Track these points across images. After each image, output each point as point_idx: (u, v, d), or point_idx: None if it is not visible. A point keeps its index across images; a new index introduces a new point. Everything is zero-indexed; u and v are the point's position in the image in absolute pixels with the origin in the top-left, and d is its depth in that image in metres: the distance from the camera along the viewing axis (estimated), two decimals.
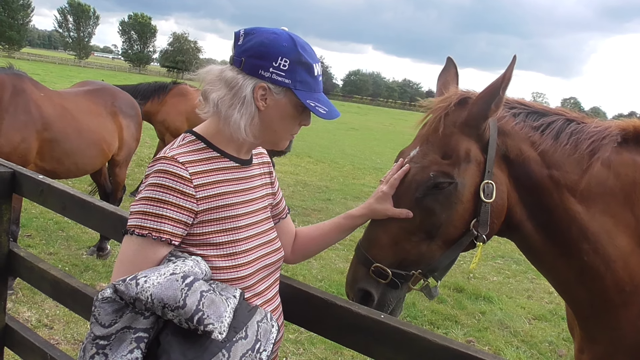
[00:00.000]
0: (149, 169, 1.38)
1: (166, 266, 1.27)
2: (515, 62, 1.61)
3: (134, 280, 1.20)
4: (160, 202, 1.32)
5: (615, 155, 1.71)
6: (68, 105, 4.90)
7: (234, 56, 1.42)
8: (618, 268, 1.68)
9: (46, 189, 2.40)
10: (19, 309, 4.10)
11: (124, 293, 1.20)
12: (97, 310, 1.22)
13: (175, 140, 1.47)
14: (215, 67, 1.47)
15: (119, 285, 1.20)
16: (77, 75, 34.16)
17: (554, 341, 4.98)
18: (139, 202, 1.34)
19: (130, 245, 1.33)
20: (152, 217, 1.31)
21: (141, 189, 1.36)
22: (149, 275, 1.22)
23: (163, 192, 1.32)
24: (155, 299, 1.19)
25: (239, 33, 1.44)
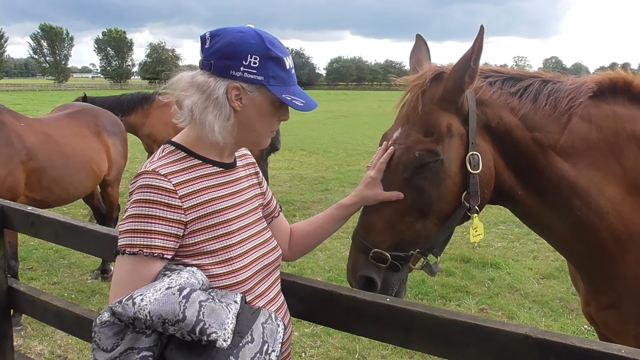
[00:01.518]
0: (132, 186, 1.36)
1: (161, 281, 1.26)
2: (484, 32, 1.59)
3: (130, 300, 1.19)
4: (147, 217, 1.30)
5: (595, 108, 1.71)
6: (50, 131, 4.85)
7: (203, 60, 1.41)
8: (612, 219, 1.69)
9: (36, 219, 2.38)
10: (30, 344, 4.09)
11: (121, 314, 1.18)
12: (97, 335, 1.20)
13: (155, 153, 1.46)
14: (186, 74, 1.45)
15: (116, 307, 1.19)
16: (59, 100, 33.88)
17: (564, 297, 5.03)
18: (126, 220, 1.32)
19: (123, 265, 1.32)
20: (141, 233, 1.30)
21: (127, 207, 1.35)
22: (145, 292, 1.20)
23: (149, 207, 1.30)
24: (154, 316, 1.17)
25: (205, 36, 1.42)
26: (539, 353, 1.27)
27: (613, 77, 1.74)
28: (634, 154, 1.69)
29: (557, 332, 1.31)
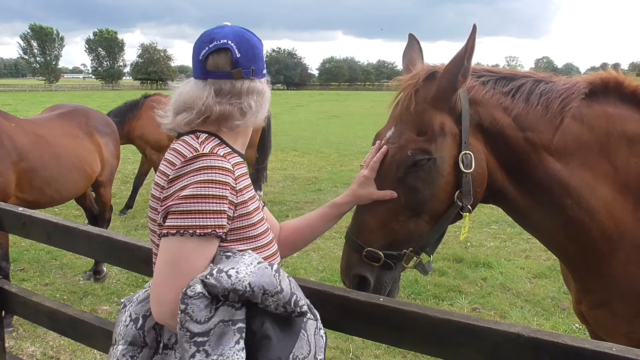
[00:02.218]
0: (185, 168, 1.33)
1: (242, 257, 1.32)
2: (476, 31, 1.60)
3: (222, 273, 1.22)
4: (215, 197, 1.31)
5: (587, 108, 1.72)
6: (41, 131, 4.81)
7: (243, 69, 1.45)
8: (602, 218, 1.71)
9: (28, 220, 2.37)
10: (22, 345, 4.05)
11: (215, 287, 1.21)
12: (191, 307, 1.20)
13: (188, 138, 1.43)
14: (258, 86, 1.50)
15: (208, 280, 1.21)
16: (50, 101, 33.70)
17: (556, 296, 5.06)
18: (188, 201, 1.30)
19: (188, 245, 1.30)
20: (213, 214, 1.30)
21: (182, 186, 1.31)
22: (236, 267, 1.25)
23: (216, 187, 1.31)
24: (255, 287, 1.23)
25: (229, 45, 1.44)
26: (531, 352, 1.28)
27: (604, 77, 1.76)
28: (625, 153, 1.70)
29: (549, 331, 1.32)
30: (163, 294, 1.29)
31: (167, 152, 1.44)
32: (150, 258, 1.98)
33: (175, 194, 1.31)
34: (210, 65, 1.44)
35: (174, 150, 1.41)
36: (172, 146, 1.45)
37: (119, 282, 5.38)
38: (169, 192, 1.33)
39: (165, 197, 1.34)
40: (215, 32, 1.46)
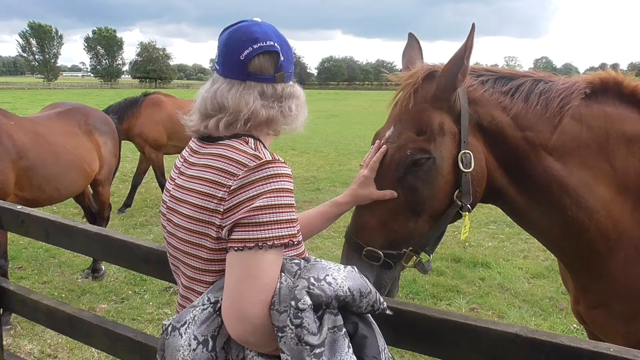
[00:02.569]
0: (249, 176, 1.26)
1: (321, 264, 1.29)
2: (475, 30, 1.60)
3: (321, 282, 1.21)
4: (287, 206, 1.27)
5: (586, 108, 1.72)
6: (41, 130, 4.81)
7: (286, 73, 1.41)
8: (601, 218, 1.71)
9: (26, 218, 2.37)
10: (20, 343, 4.05)
11: (320, 296, 1.19)
12: (306, 320, 1.17)
13: (236, 144, 1.35)
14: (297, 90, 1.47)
15: (313, 291, 1.19)
16: (48, 99, 33.65)
17: (554, 296, 5.07)
18: (266, 211, 1.24)
19: (267, 257, 1.25)
20: (285, 223, 1.26)
21: (250, 197, 1.24)
22: (328, 273, 1.24)
23: (286, 196, 1.28)
24: (354, 291, 1.24)
25: (278, 48, 1.38)
26: (529, 352, 1.28)
27: (604, 77, 1.76)
28: (624, 153, 1.70)
29: (546, 331, 1.32)
30: (246, 310, 1.21)
31: (210, 158, 1.34)
32: (149, 257, 1.99)
33: (244, 204, 1.24)
34: (254, 67, 1.36)
35: (224, 158, 1.31)
36: (213, 152, 1.35)
37: (117, 281, 5.37)
38: (232, 202, 1.25)
39: (229, 209, 1.25)
40: (254, 30, 1.37)
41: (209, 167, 1.32)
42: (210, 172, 1.31)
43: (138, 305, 4.77)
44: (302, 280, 1.21)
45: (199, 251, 1.34)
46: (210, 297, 1.31)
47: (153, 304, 4.78)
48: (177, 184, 1.42)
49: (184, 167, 1.43)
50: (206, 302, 1.30)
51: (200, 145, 1.42)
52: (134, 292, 5.09)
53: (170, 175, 1.51)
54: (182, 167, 1.45)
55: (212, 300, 1.30)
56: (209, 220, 1.29)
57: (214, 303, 1.30)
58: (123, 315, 4.56)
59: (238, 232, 1.24)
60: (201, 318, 1.30)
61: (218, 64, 1.41)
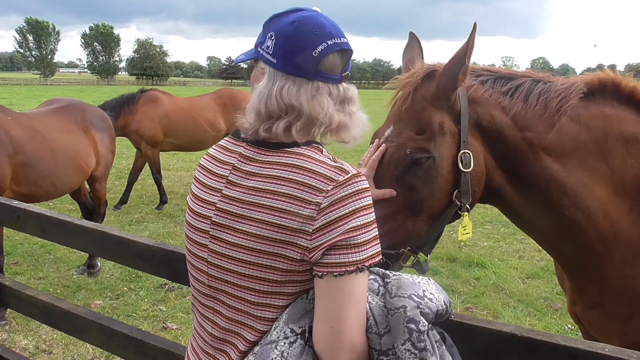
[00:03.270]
0: (337, 193, 1.14)
1: (410, 279, 1.20)
2: (476, 29, 1.60)
3: (424, 299, 1.14)
4: (374, 222, 1.19)
5: (584, 109, 1.73)
6: (37, 125, 4.80)
7: (349, 73, 1.30)
8: (598, 219, 1.71)
9: (22, 214, 2.36)
10: (15, 339, 4.04)
11: (429, 314, 1.13)
12: (427, 342, 1.11)
13: (312, 153, 1.23)
14: (354, 91, 1.34)
15: (424, 309, 1.13)
16: (45, 95, 33.54)
17: (549, 297, 5.08)
18: (361, 231, 1.14)
19: (364, 278, 1.16)
20: (376, 240, 1.18)
21: (341, 215, 1.13)
22: (424, 288, 1.17)
23: (373, 211, 1.19)
24: (447, 303, 1.21)
25: (350, 47, 1.28)
26: (524, 351, 1.28)
27: (602, 78, 1.76)
28: (622, 154, 1.71)
29: (541, 331, 1.32)
30: (353, 338, 1.13)
31: (280, 169, 1.19)
32: (145, 253, 1.98)
33: (337, 224, 1.13)
34: (326, 66, 1.22)
35: (303, 170, 1.17)
36: (283, 161, 1.20)
37: (113, 277, 5.36)
38: (323, 221, 1.13)
39: (320, 228, 1.13)
40: (325, 23, 1.23)
41: (282, 180, 1.17)
42: (287, 186, 1.16)
43: (133, 301, 4.77)
44: (405, 299, 1.13)
45: (269, 274, 1.18)
46: (293, 327, 1.17)
47: (148, 301, 4.78)
48: (227, 196, 1.24)
49: (235, 177, 1.25)
50: (290, 334, 1.17)
51: (257, 152, 1.25)
52: (129, 288, 5.09)
53: (205, 183, 1.32)
54: (231, 176, 1.26)
55: (298, 331, 1.17)
56: (290, 240, 1.15)
57: (300, 334, 1.17)
58: (118, 312, 4.56)
59: (335, 256, 1.13)
60: (294, 353, 1.15)
61: (275, 56, 1.22)
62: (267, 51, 1.24)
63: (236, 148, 1.30)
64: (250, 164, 1.24)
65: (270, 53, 1.23)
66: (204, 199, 1.29)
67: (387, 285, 1.18)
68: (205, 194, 1.29)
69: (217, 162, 1.32)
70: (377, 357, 1.13)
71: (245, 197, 1.20)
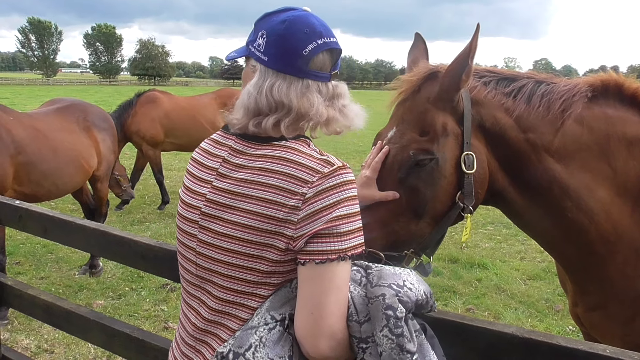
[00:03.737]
0: (322, 184, 1.18)
1: (391, 270, 1.23)
2: (480, 30, 1.60)
3: (403, 288, 1.17)
4: (359, 214, 1.21)
5: (587, 110, 1.72)
6: (39, 125, 4.81)
7: (339, 71, 1.34)
8: (601, 220, 1.71)
9: (24, 213, 2.37)
10: (17, 338, 4.05)
11: (407, 302, 1.16)
12: (405, 329, 1.14)
13: (299, 146, 1.26)
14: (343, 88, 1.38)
15: (402, 297, 1.15)
16: (47, 95, 33.57)
17: (550, 298, 5.08)
18: (345, 221, 1.18)
19: (345, 267, 1.19)
20: (360, 231, 1.21)
21: (325, 205, 1.17)
22: (405, 278, 1.21)
23: (357, 203, 1.22)
24: (427, 292, 1.24)
25: (339, 46, 1.32)
26: (525, 353, 1.28)
27: (605, 79, 1.76)
28: (624, 156, 1.70)
29: (543, 332, 1.32)
30: (333, 325, 1.15)
31: (268, 161, 1.22)
32: (147, 253, 1.99)
33: (321, 213, 1.16)
34: (315, 64, 1.26)
35: (289, 162, 1.21)
36: (271, 154, 1.23)
37: (115, 277, 5.37)
38: (307, 211, 1.16)
39: (304, 218, 1.16)
40: (315, 22, 1.27)
41: (270, 172, 1.20)
42: (274, 178, 1.19)
43: (135, 301, 4.77)
44: (384, 288, 1.15)
45: (258, 263, 1.21)
46: (273, 314, 1.20)
47: (150, 301, 4.78)
48: (217, 188, 1.27)
49: (225, 169, 1.28)
50: (270, 321, 1.19)
51: (246, 145, 1.28)
52: (131, 288, 5.09)
53: (195, 174, 1.35)
54: (221, 168, 1.29)
55: (278, 318, 1.20)
56: (277, 230, 1.18)
57: (280, 321, 1.20)
58: (120, 312, 4.56)
59: (318, 244, 1.16)
60: (272, 339, 1.18)
61: (266, 54, 1.25)
62: (258, 49, 1.27)
63: (227, 141, 1.33)
64: (240, 156, 1.27)
65: (261, 51, 1.26)
66: (194, 190, 1.32)
67: (369, 276, 1.21)
68: (196, 185, 1.33)
69: (208, 155, 1.35)
70: (357, 345, 1.16)
71: (235, 188, 1.23)
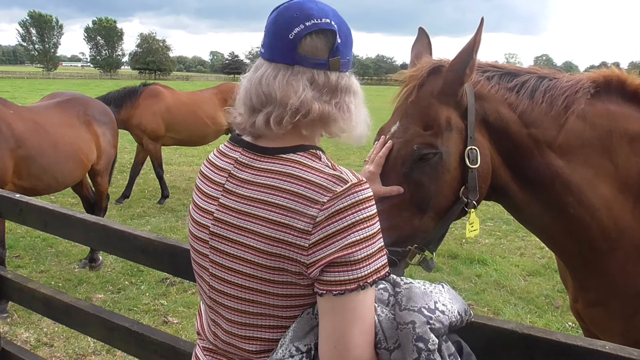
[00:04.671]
0: (335, 204, 1.06)
1: (423, 287, 1.15)
2: (484, 25, 1.59)
3: (435, 312, 1.08)
4: (379, 233, 1.11)
5: (589, 106, 1.72)
6: (39, 119, 4.80)
7: (341, 59, 1.17)
8: (602, 216, 1.71)
9: (24, 207, 2.36)
10: (16, 331, 4.06)
11: (439, 329, 1.07)
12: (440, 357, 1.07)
13: (307, 160, 1.14)
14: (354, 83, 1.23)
15: (434, 325, 1.06)
16: (47, 88, 33.53)
17: (550, 294, 5.08)
18: (362, 246, 1.07)
19: (368, 295, 1.09)
20: (381, 253, 1.11)
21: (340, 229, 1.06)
22: (437, 299, 1.11)
23: (377, 222, 1.11)
24: (462, 312, 1.14)
25: (334, 27, 1.15)
26: (525, 348, 1.28)
27: (607, 75, 1.75)
28: (626, 152, 1.70)
29: (542, 328, 1.32)
30: (363, 356, 1.07)
31: (274, 177, 1.12)
32: (147, 247, 1.99)
33: (335, 238, 1.06)
34: (304, 49, 1.13)
35: (297, 179, 1.10)
36: (278, 169, 1.13)
37: (114, 271, 5.38)
38: (319, 236, 1.06)
39: (316, 243, 1.06)
40: (309, 6, 1.15)
41: (276, 190, 1.10)
42: (281, 197, 1.09)
43: (134, 295, 4.78)
44: (414, 314, 1.06)
45: (269, 287, 1.13)
46: (298, 346, 1.12)
47: (149, 295, 4.79)
48: (224, 205, 1.18)
49: (231, 185, 1.18)
50: (295, 353, 1.11)
51: (252, 158, 1.18)
52: (131, 282, 5.10)
53: (203, 190, 1.26)
54: (227, 183, 1.20)
55: (303, 349, 1.11)
56: (286, 255, 1.08)
57: (306, 352, 1.11)
58: (119, 306, 4.57)
59: (334, 273, 1.06)
60: None
61: (263, 46, 1.18)
62: (260, 44, 1.21)
63: (233, 153, 1.24)
64: (245, 170, 1.17)
65: (261, 44, 1.20)
66: (202, 207, 1.24)
67: (397, 295, 1.12)
68: (204, 202, 1.24)
69: (214, 169, 1.26)
70: None
71: (242, 206, 1.14)
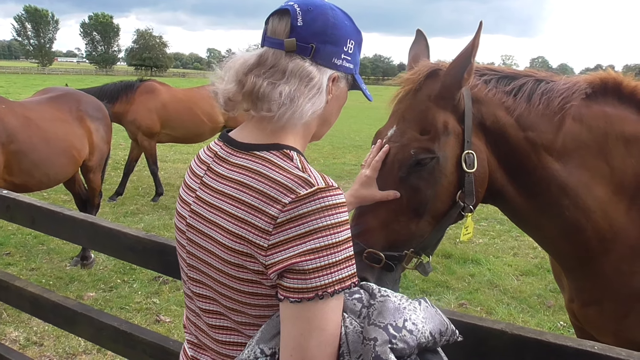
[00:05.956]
0: (299, 208, 1.02)
1: (394, 304, 1.08)
2: (482, 28, 1.57)
3: (401, 331, 1.03)
4: (346, 242, 1.05)
5: (586, 109, 1.71)
6: (31, 114, 4.75)
7: (298, 41, 1.12)
8: (598, 218, 1.71)
9: (12, 203, 2.33)
10: (5, 330, 4.02)
11: (404, 350, 1.02)
12: None
13: (276, 159, 1.11)
14: (257, 57, 1.16)
15: (397, 346, 1.01)
16: (42, 84, 33.33)
17: (542, 294, 5.10)
18: (323, 253, 1.02)
19: (329, 305, 1.04)
20: (346, 262, 1.05)
21: (301, 233, 1.02)
22: (408, 317, 1.06)
23: (345, 230, 1.05)
24: (435, 334, 1.08)
25: (294, 10, 1.13)
26: (514, 349, 1.28)
27: (603, 77, 1.74)
28: (622, 154, 1.70)
29: (533, 329, 1.31)
30: None
31: (244, 174, 1.11)
32: (135, 246, 1.96)
33: (294, 243, 1.02)
34: (269, 29, 1.16)
35: (264, 177, 1.08)
36: (248, 165, 1.12)
37: (106, 269, 5.34)
38: (279, 238, 1.03)
39: (275, 245, 1.03)
40: None
41: (243, 186, 1.09)
42: (247, 194, 1.08)
43: (127, 294, 4.75)
44: (379, 330, 1.02)
45: (237, 283, 1.12)
46: (263, 348, 1.10)
47: (142, 293, 4.76)
48: (199, 198, 1.19)
49: (207, 178, 1.19)
50: (259, 355, 1.09)
51: (228, 152, 1.18)
52: (123, 280, 5.07)
53: (187, 182, 1.27)
54: (205, 176, 1.20)
55: (268, 352, 1.09)
56: (249, 252, 1.07)
57: (270, 356, 1.09)
58: (111, 304, 4.54)
59: (291, 280, 1.03)
60: None
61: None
62: None
63: (215, 147, 1.24)
64: (222, 165, 1.17)
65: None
66: (183, 198, 1.25)
67: (370, 308, 1.09)
68: (185, 193, 1.26)
69: (198, 162, 1.27)
70: None
71: (214, 200, 1.14)
